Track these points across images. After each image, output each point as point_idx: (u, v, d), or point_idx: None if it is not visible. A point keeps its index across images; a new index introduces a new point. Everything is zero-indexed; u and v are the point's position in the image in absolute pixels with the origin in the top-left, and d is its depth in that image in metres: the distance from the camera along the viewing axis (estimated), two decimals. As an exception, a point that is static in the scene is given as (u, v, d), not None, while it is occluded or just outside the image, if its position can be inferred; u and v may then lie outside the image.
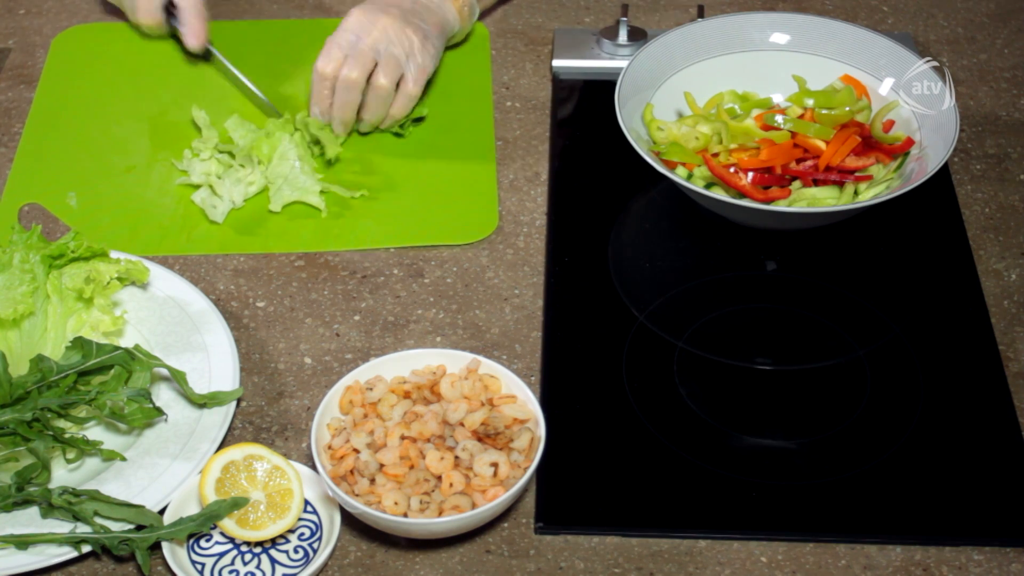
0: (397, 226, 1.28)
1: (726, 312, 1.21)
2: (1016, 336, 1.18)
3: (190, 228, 1.28)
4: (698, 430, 1.11)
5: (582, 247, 1.26)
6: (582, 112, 1.40)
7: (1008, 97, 1.42)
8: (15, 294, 1.11)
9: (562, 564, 1.03)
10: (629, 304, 1.21)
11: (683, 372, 1.15)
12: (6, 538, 1.01)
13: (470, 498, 1.00)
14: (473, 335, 1.18)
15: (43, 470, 1.04)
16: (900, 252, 1.26)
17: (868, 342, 1.18)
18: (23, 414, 1.04)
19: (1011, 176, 1.33)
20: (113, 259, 1.16)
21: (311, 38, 1.49)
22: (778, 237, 1.26)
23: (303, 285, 1.23)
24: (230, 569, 1.02)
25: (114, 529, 1.02)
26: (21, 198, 1.31)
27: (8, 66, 1.47)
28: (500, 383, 1.08)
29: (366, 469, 1.01)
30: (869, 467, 1.08)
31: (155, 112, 1.40)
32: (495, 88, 1.43)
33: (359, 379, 1.08)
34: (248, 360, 1.17)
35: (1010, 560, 1.02)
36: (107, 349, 1.07)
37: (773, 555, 1.03)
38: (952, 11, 1.53)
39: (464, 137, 1.37)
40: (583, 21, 1.51)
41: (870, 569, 1.02)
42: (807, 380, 1.16)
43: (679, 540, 1.04)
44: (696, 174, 1.26)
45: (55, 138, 1.38)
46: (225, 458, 1.03)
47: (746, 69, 1.34)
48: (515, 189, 1.32)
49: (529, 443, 1.03)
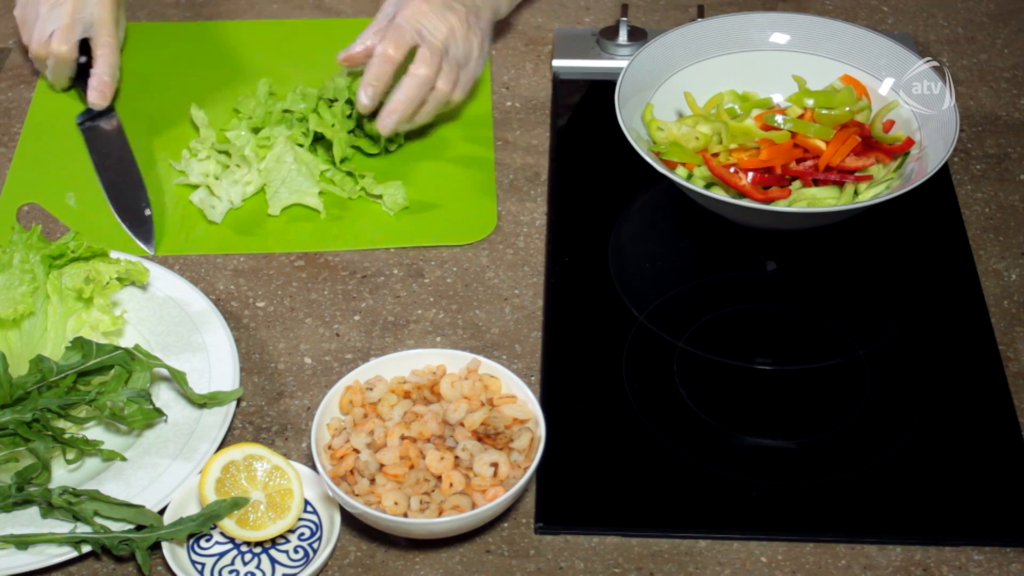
0: (397, 226, 1.28)
1: (726, 312, 1.21)
2: (1016, 336, 1.18)
3: (189, 228, 1.28)
4: (698, 430, 1.11)
5: (582, 247, 1.26)
6: (582, 112, 1.40)
7: (1008, 97, 1.42)
8: (15, 294, 1.11)
9: (562, 564, 1.03)
10: (629, 304, 1.21)
11: (683, 372, 1.15)
12: (6, 538, 1.01)
13: (470, 498, 1.00)
14: (473, 335, 1.18)
15: (43, 470, 1.04)
16: (900, 252, 1.26)
17: (868, 342, 1.18)
18: (23, 414, 1.04)
19: (1011, 176, 1.33)
20: (113, 259, 1.16)
21: (311, 38, 1.49)
22: (778, 237, 1.26)
23: (303, 285, 1.23)
24: (230, 569, 1.02)
25: (114, 529, 1.02)
26: (20, 198, 1.31)
27: (8, 66, 1.47)
28: (500, 383, 1.08)
29: (366, 469, 1.01)
30: (869, 467, 1.08)
31: (154, 112, 1.40)
32: (495, 88, 1.43)
33: (359, 379, 1.08)
34: (248, 360, 1.17)
35: (1010, 560, 1.02)
36: (107, 349, 1.07)
37: (773, 555, 1.03)
38: (952, 11, 1.53)
39: (464, 137, 1.37)
40: (583, 21, 1.51)
41: (870, 569, 1.02)
42: (807, 380, 1.16)
43: (679, 540, 1.04)
44: (696, 174, 1.26)
45: (55, 138, 1.38)
46: (225, 458, 1.03)
47: (746, 69, 1.34)
48: (515, 189, 1.32)
49: (529, 443, 1.03)
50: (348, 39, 1.32)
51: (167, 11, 1.53)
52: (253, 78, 1.42)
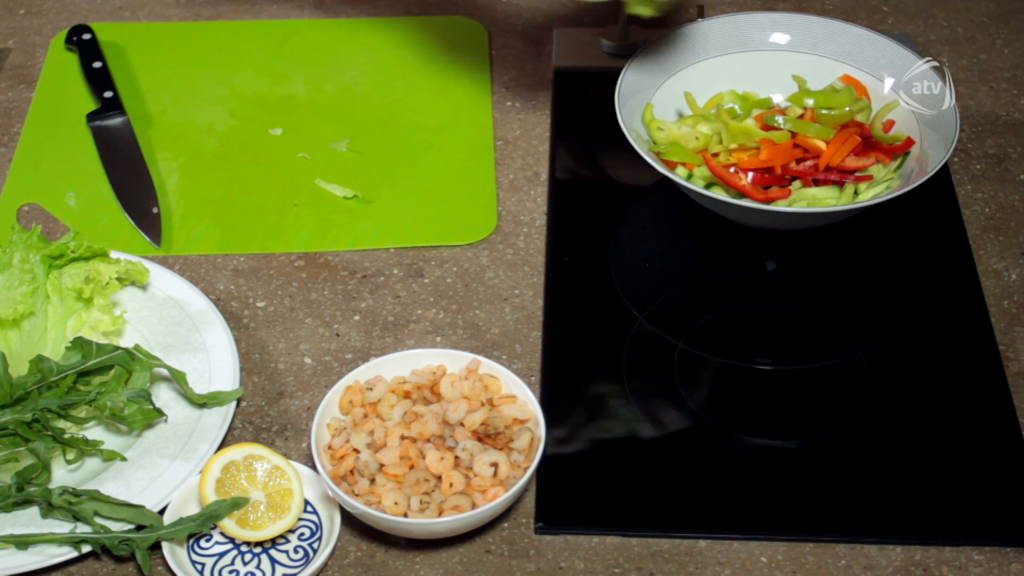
0: (397, 226, 1.28)
1: (726, 312, 1.21)
2: (1016, 336, 1.18)
3: (190, 228, 1.28)
4: (698, 430, 1.11)
5: (582, 247, 1.26)
6: (582, 112, 1.40)
7: (1008, 97, 1.42)
8: (15, 294, 1.11)
9: (562, 564, 1.03)
10: (629, 304, 1.21)
11: (683, 372, 1.15)
12: (6, 538, 1.01)
13: (470, 498, 1.00)
14: (473, 335, 1.18)
15: (43, 470, 1.04)
16: (900, 252, 1.26)
17: (868, 342, 1.18)
18: (23, 415, 1.04)
19: (1011, 176, 1.33)
20: (113, 259, 1.16)
21: (311, 38, 1.49)
22: (778, 237, 1.26)
23: (303, 285, 1.23)
24: (230, 569, 1.02)
25: (114, 529, 1.02)
26: (20, 198, 1.31)
27: (8, 66, 1.47)
28: (500, 383, 1.08)
29: (366, 469, 1.01)
30: (869, 467, 1.08)
31: (154, 112, 1.40)
32: (495, 88, 1.43)
33: (359, 379, 1.08)
34: (248, 360, 1.17)
35: (1010, 560, 1.02)
36: (107, 349, 1.07)
37: (773, 555, 1.03)
38: (952, 11, 1.52)
39: (463, 137, 1.37)
40: (583, 21, 1.51)
41: (870, 569, 1.02)
42: (807, 380, 1.16)
43: (679, 540, 1.04)
44: (696, 174, 1.26)
45: (55, 138, 1.38)
46: (225, 458, 1.03)
47: (746, 69, 1.34)
48: (515, 189, 1.32)
49: (529, 443, 1.03)
50: (348, 39, 1.32)
51: (167, 11, 1.53)
52: (253, 78, 1.42)
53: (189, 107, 1.39)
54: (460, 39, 1.48)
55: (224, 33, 1.49)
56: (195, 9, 1.54)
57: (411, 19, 1.51)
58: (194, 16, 1.53)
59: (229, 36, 1.49)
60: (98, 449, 1.06)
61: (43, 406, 1.04)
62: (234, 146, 1.36)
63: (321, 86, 1.43)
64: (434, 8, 1.52)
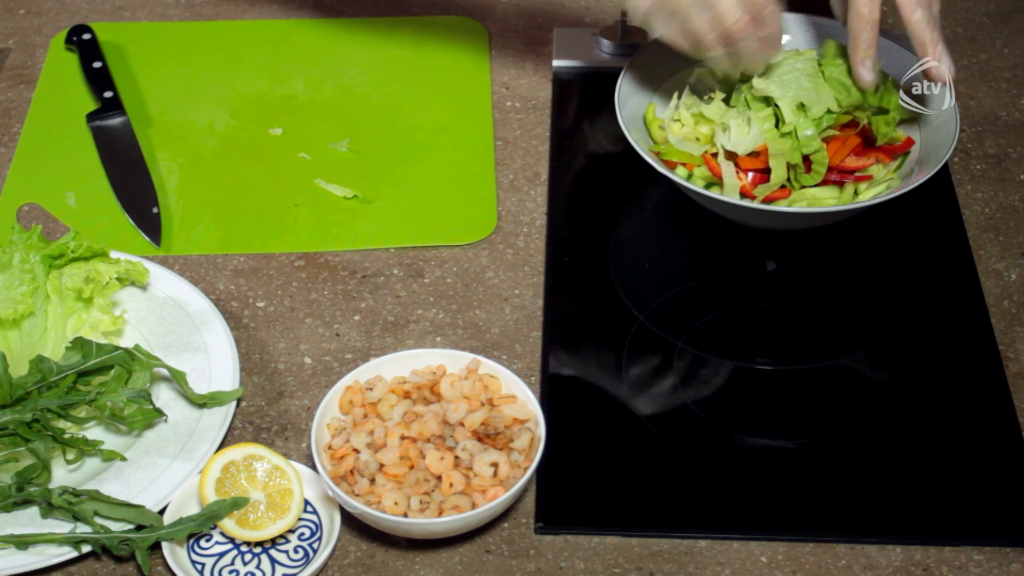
0: (397, 226, 1.28)
1: (726, 312, 1.21)
2: (1016, 336, 1.18)
3: (189, 228, 1.28)
4: (698, 430, 1.11)
5: (582, 247, 1.26)
6: (582, 112, 1.40)
7: (1008, 97, 1.42)
8: (15, 294, 1.11)
9: (562, 564, 1.03)
10: (629, 304, 1.21)
11: (683, 372, 1.15)
12: (6, 538, 1.01)
13: (470, 498, 1.00)
14: (473, 335, 1.18)
15: (43, 470, 1.04)
16: (900, 252, 1.26)
17: (868, 342, 1.18)
18: (23, 415, 1.04)
19: (1011, 176, 1.33)
20: (113, 259, 1.16)
21: (311, 38, 1.49)
22: (778, 237, 1.26)
23: (303, 285, 1.23)
24: (230, 569, 1.02)
25: (114, 529, 1.02)
26: (20, 198, 1.31)
27: (8, 66, 1.47)
28: (500, 383, 1.08)
29: (366, 469, 1.01)
30: (869, 467, 1.08)
31: (154, 112, 1.40)
32: (495, 88, 1.43)
33: (359, 379, 1.08)
34: (248, 360, 1.17)
35: (1010, 560, 1.02)
36: (107, 349, 1.07)
37: (773, 555, 1.03)
38: (952, 11, 1.52)
39: (463, 137, 1.37)
40: (583, 21, 1.51)
41: (870, 569, 1.02)
42: (807, 380, 1.16)
43: (679, 540, 1.04)
44: (696, 174, 1.26)
45: (55, 138, 1.38)
46: (225, 458, 1.03)
47: (746, 69, 1.34)
48: (515, 189, 1.32)
49: (529, 443, 1.03)
50: (348, 39, 1.32)
51: (167, 11, 1.53)
52: (253, 78, 1.42)
53: (189, 107, 1.39)
54: (460, 39, 1.48)
55: (224, 33, 1.49)
56: (195, 9, 1.54)
57: (411, 19, 1.51)
58: (194, 16, 1.53)
59: (229, 36, 1.49)
60: (98, 449, 1.06)
61: (43, 406, 1.04)
62: (234, 146, 1.36)
63: (321, 86, 1.43)
64: (434, 8, 1.52)
